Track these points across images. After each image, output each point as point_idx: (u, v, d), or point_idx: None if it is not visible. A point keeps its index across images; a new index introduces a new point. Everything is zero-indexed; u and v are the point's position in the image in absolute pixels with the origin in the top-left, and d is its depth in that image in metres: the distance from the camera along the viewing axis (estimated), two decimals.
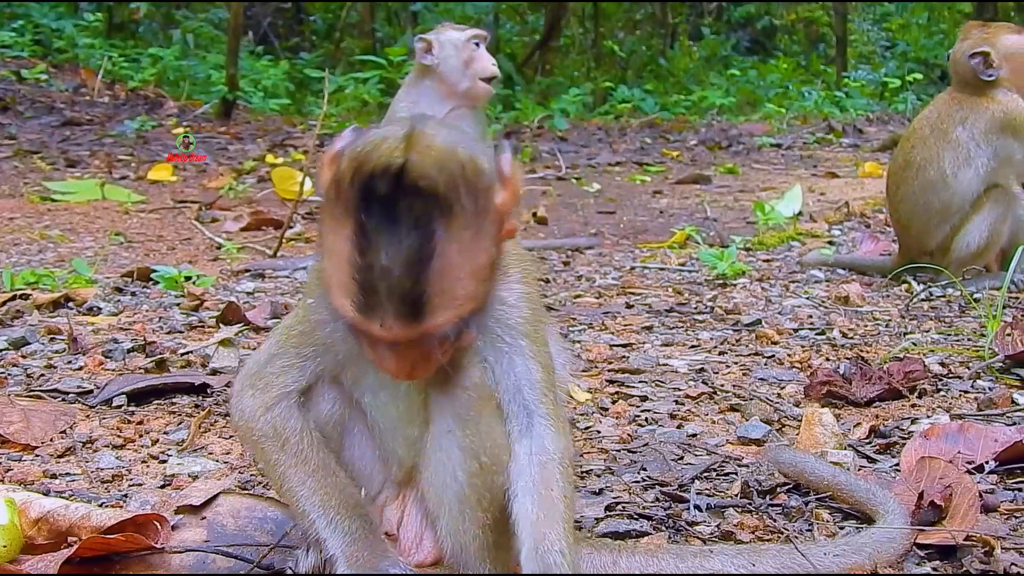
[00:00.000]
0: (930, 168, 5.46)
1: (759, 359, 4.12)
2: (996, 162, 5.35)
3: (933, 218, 5.46)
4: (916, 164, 5.53)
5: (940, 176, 5.42)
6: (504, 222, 1.93)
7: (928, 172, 5.47)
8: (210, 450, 3.08)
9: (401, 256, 1.77)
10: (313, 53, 20.54)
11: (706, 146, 13.72)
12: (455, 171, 1.82)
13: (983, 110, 5.38)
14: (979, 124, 5.38)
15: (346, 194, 1.83)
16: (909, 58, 22.40)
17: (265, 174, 10.02)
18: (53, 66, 15.64)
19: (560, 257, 6.68)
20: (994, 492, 2.65)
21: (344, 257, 1.81)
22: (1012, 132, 5.34)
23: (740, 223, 8.02)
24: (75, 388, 3.59)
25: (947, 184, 5.41)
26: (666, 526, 2.52)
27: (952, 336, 4.42)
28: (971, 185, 5.38)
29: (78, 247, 6.75)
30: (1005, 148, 5.34)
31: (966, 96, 5.49)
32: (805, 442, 3.03)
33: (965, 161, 5.37)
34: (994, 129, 5.35)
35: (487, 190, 1.88)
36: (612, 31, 23.53)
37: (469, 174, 1.85)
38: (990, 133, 5.35)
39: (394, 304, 1.79)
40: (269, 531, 2.34)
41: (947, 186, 5.41)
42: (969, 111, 5.42)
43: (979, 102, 5.41)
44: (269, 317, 4.70)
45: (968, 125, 5.39)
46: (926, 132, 5.56)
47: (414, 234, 1.78)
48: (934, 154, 5.45)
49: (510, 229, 1.97)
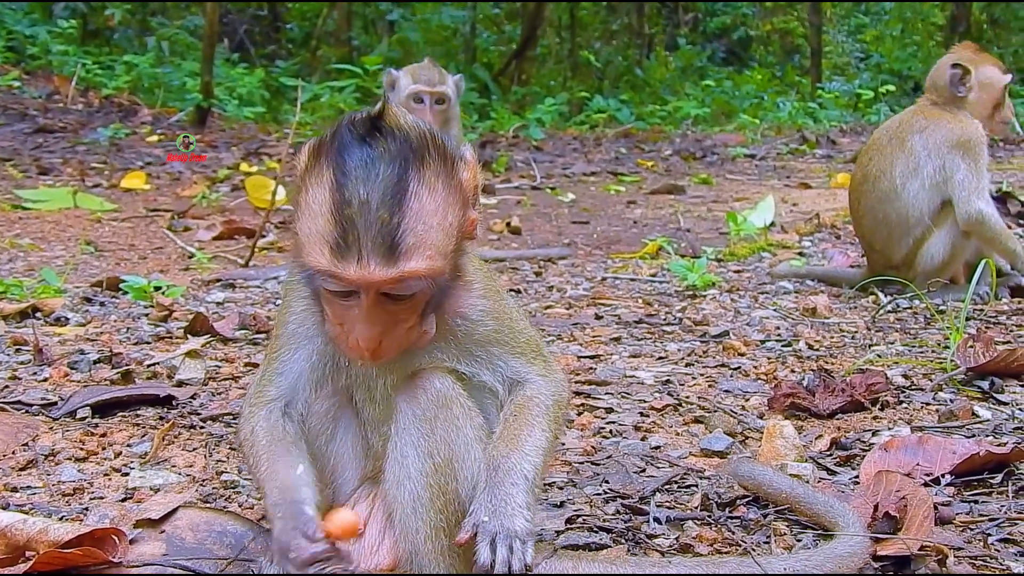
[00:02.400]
0: (884, 179, 5.56)
1: (725, 371, 4.14)
2: (941, 176, 5.43)
3: (893, 231, 5.52)
4: (872, 176, 5.64)
5: (892, 186, 5.52)
6: (468, 200, 2.04)
7: (882, 183, 5.57)
8: (173, 463, 3.07)
9: (379, 189, 1.89)
10: (289, 61, 20.50)
11: (681, 156, 13.78)
12: (424, 128, 1.99)
13: (943, 124, 5.48)
14: (935, 136, 5.47)
15: (327, 147, 1.96)
16: (883, 70, 22.58)
17: (239, 182, 9.99)
18: (26, 73, 15.55)
19: (532, 267, 6.69)
20: (951, 504, 2.68)
21: (322, 203, 1.92)
22: (962, 152, 5.41)
23: (713, 233, 8.06)
24: (39, 400, 3.57)
25: (898, 195, 5.50)
26: (625, 539, 2.53)
27: (916, 348, 4.46)
28: (919, 197, 5.45)
29: (48, 256, 6.72)
30: (952, 165, 5.41)
31: (932, 109, 5.59)
32: (766, 454, 3.05)
33: (913, 171, 5.46)
34: (947, 144, 5.43)
35: (452, 158, 2.01)
36: (588, 41, 23.62)
37: (436, 136, 2.02)
38: (942, 147, 5.44)
39: (371, 238, 1.88)
40: (228, 544, 2.34)
41: (898, 196, 5.50)
42: (929, 122, 5.52)
43: (942, 116, 5.51)
44: (237, 328, 4.69)
45: (925, 135, 5.49)
46: (884, 142, 5.67)
47: (391, 170, 1.91)
48: (888, 163, 5.55)
49: (471, 223, 2.05)
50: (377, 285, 1.92)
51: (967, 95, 5.49)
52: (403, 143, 1.94)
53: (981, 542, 2.44)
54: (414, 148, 1.95)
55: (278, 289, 5.77)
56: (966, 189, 5.36)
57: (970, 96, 5.49)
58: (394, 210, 1.89)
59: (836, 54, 26.44)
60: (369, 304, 1.95)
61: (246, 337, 4.62)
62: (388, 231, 1.88)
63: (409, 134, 1.96)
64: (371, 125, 1.96)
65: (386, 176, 1.90)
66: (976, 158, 5.40)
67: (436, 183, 1.95)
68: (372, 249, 1.88)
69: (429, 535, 2.10)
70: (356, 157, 1.92)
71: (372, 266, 1.89)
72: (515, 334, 2.22)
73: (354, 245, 1.88)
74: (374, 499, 2.25)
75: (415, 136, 1.96)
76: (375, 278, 1.90)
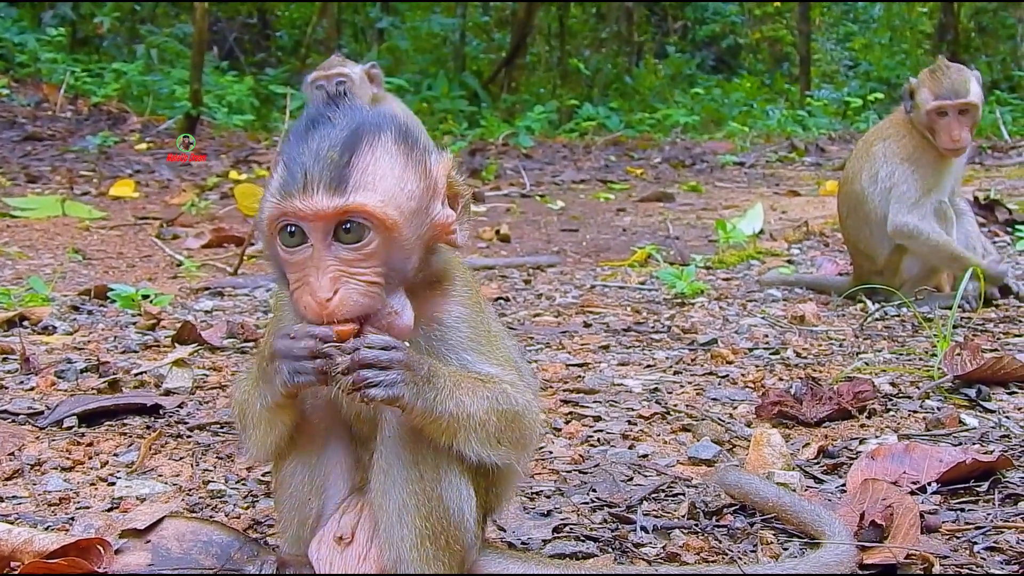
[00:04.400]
0: (856, 180, 5.66)
1: (713, 379, 4.15)
2: (889, 183, 5.49)
3: (874, 231, 5.57)
4: (849, 178, 5.76)
5: (860, 187, 5.61)
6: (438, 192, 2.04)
7: (855, 184, 5.67)
8: (160, 472, 3.06)
9: (332, 138, 1.95)
10: (279, 69, 20.52)
11: (670, 164, 13.82)
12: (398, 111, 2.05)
13: (902, 136, 5.55)
14: (894, 145, 5.54)
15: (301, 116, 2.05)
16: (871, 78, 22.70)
17: (228, 190, 10.00)
18: (15, 80, 15.54)
19: (522, 275, 6.70)
20: (937, 512, 2.68)
21: (278, 161, 2.00)
22: (910, 164, 5.47)
23: (702, 241, 8.08)
24: (25, 409, 3.55)
25: (866, 198, 5.58)
26: (612, 548, 2.53)
27: (904, 356, 4.47)
28: (883, 202, 5.51)
29: (37, 264, 6.70)
30: (900, 174, 5.47)
31: (901, 119, 5.64)
32: (753, 463, 3.05)
33: (874, 176, 5.55)
34: (900, 154, 5.50)
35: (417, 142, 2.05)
36: (578, 49, 23.67)
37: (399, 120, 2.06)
38: (896, 156, 5.51)
39: (319, 171, 1.92)
40: (214, 554, 2.34)
41: (866, 199, 5.58)
42: (894, 131, 5.59)
43: (902, 128, 5.58)
44: (225, 336, 4.68)
45: (888, 142, 5.57)
46: (860, 147, 5.82)
47: (346, 131, 1.96)
48: (859, 167, 5.66)
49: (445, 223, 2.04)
50: (324, 215, 1.91)
51: (912, 113, 5.51)
52: (361, 113, 2.01)
53: (967, 550, 2.45)
54: (374, 119, 2.01)
55: (267, 297, 5.76)
56: (900, 201, 5.44)
57: (911, 115, 5.52)
58: (346, 153, 1.94)
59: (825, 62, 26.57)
60: (319, 244, 1.93)
61: (234, 346, 4.61)
62: (337, 166, 1.92)
63: (368, 110, 2.04)
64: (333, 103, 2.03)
65: (342, 132, 1.96)
66: (921, 174, 5.44)
67: (395, 150, 1.99)
68: (319, 181, 1.91)
69: (415, 543, 2.09)
70: (315, 119, 1.99)
71: (318, 195, 1.91)
72: (492, 346, 2.18)
73: (301, 179, 1.92)
74: (362, 508, 2.24)
75: (376, 112, 2.04)
76: (320, 206, 1.90)
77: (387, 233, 1.95)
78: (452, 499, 2.10)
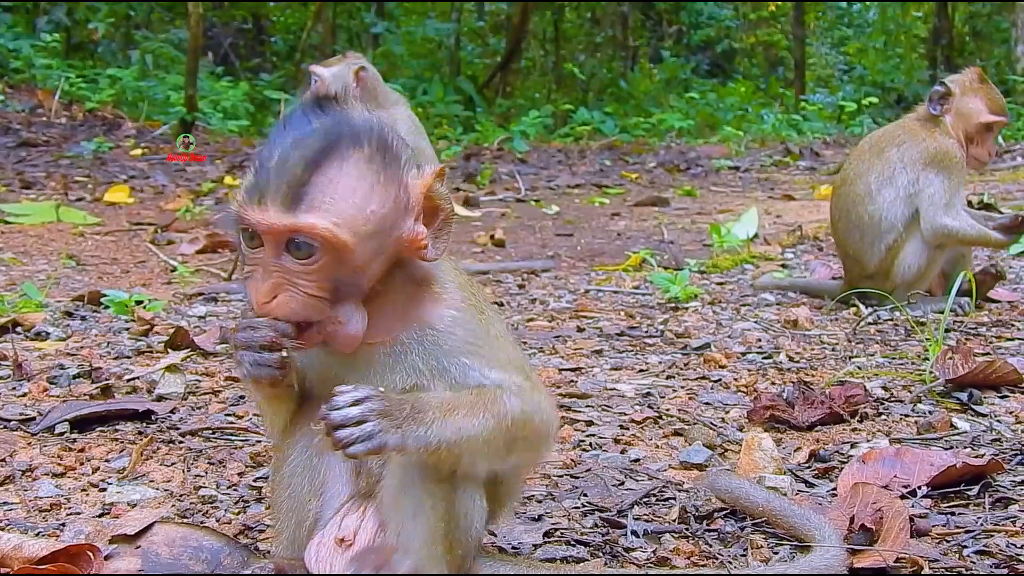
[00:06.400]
0: (859, 182, 5.68)
1: (706, 383, 4.15)
2: (914, 188, 5.52)
3: (866, 234, 5.60)
4: (850, 179, 5.77)
5: (866, 190, 5.63)
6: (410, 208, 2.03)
7: (857, 186, 5.68)
8: (151, 478, 3.06)
9: (301, 150, 1.96)
10: (274, 74, 20.53)
11: (665, 168, 13.83)
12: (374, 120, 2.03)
13: (920, 140, 5.58)
14: (911, 151, 5.57)
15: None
16: (866, 82, 22.75)
17: (223, 196, 9.99)
18: (9, 86, 15.53)
19: (516, 280, 6.70)
20: (927, 516, 2.69)
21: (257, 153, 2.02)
22: (936, 168, 5.51)
23: (696, 245, 8.09)
24: (17, 415, 3.55)
25: (872, 199, 5.60)
26: (603, 552, 2.53)
27: (896, 360, 4.48)
28: (893, 204, 5.55)
29: (31, 270, 6.70)
30: (924, 180, 5.51)
31: (913, 123, 5.71)
32: (745, 467, 3.06)
33: (889, 179, 5.58)
34: (922, 159, 5.54)
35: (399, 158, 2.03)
36: (573, 54, 23.71)
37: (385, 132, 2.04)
38: (918, 162, 5.54)
39: (278, 185, 1.94)
40: (204, 560, 2.34)
41: (872, 200, 5.60)
42: (908, 137, 5.63)
43: (920, 133, 5.61)
44: (218, 342, 4.68)
45: (903, 148, 5.60)
46: (865, 148, 5.83)
47: (321, 141, 1.96)
48: (865, 168, 5.68)
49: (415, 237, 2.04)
50: (274, 230, 1.95)
51: (942, 115, 5.56)
52: (342, 122, 2.00)
53: (957, 554, 2.45)
54: (352, 130, 1.99)
55: None
56: (934, 205, 5.48)
57: (946, 118, 5.57)
58: (309, 170, 1.94)
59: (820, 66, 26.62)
60: (269, 251, 1.98)
61: (227, 351, 4.61)
62: (296, 183, 1.93)
63: (352, 118, 2.01)
64: (318, 105, 2.02)
65: (313, 143, 1.96)
66: (949, 175, 5.48)
67: (365, 168, 1.98)
68: (276, 195, 1.93)
69: (426, 541, 2.08)
70: (292, 125, 2.00)
71: (271, 210, 1.93)
72: (492, 349, 2.14)
73: (263, 189, 1.95)
74: (364, 511, 2.24)
75: (359, 121, 2.01)
76: (271, 221, 1.94)
77: (337, 254, 1.97)
78: (466, 504, 2.11)
